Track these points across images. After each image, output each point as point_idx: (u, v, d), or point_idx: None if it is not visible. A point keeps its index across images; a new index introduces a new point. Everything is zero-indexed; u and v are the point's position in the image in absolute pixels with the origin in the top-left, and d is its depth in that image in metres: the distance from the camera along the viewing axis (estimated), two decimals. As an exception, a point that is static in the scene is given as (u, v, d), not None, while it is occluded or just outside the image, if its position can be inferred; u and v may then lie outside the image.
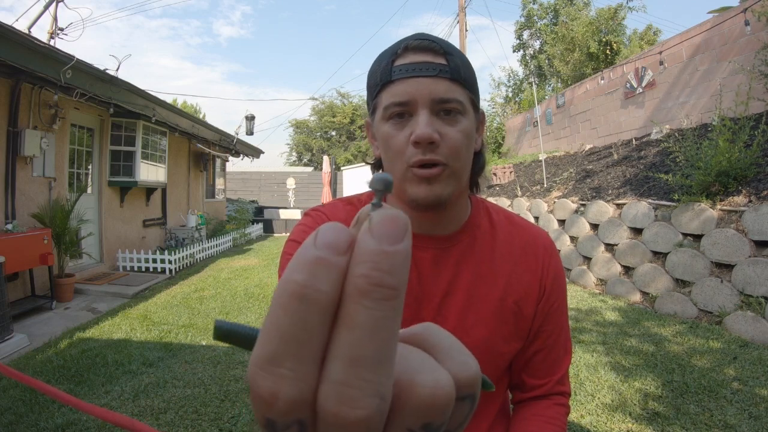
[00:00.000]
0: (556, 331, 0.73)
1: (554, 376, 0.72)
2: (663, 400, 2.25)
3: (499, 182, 8.52)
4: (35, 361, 2.98)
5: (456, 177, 0.62)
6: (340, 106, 22.22)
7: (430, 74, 0.59)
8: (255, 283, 5.40)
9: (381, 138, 0.64)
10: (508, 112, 15.09)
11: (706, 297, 3.36)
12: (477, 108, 0.66)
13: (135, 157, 6.23)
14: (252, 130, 11.19)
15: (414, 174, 0.61)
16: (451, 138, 0.60)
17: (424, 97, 0.59)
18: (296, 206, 14.78)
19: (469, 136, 0.62)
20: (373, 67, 0.64)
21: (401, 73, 0.59)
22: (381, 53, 0.65)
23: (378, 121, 0.64)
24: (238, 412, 2.26)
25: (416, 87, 0.59)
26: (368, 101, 0.67)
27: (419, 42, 0.60)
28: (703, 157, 3.71)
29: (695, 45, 6.11)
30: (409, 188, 0.62)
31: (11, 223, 4.13)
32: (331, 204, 0.74)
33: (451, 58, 0.60)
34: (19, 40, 3.71)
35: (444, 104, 0.59)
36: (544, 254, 0.73)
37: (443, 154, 0.59)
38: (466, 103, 0.62)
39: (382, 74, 0.61)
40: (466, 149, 0.63)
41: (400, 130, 0.61)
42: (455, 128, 0.60)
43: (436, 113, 0.60)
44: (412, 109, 0.60)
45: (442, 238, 0.69)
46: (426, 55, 0.60)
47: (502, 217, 0.75)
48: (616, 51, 12.04)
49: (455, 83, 0.60)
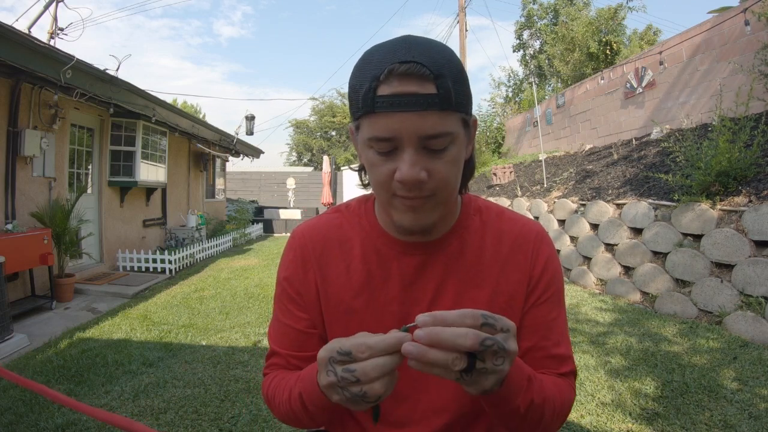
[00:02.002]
0: (551, 318, 0.69)
1: (557, 369, 0.69)
2: (663, 400, 2.25)
3: (499, 182, 8.53)
4: (35, 361, 2.98)
5: (443, 204, 0.61)
6: (340, 106, 22.24)
7: (417, 109, 0.52)
8: (255, 283, 5.40)
9: (365, 160, 0.60)
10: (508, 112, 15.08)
11: (706, 297, 3.36)
12: (468, 123, 0.61)
13: (135, 157, 6.23)
14: (252, 130, 11.19)
15: (400, 203, 0.59)
16: (439, 172, 0.56)
17: (409, 134, 0.53)
18: (296, 206, 14.79)
19: (458, 162, 0.59)
20: (356, 81, 0.57)
21: (385, 106, 0.53)
22: (365, 63, 0.56)
23: (362, 142, 0.59)
24: (238, 412, 2.26)
25: (401, 123, 0.53)
26: (351, 112, 0.62)
27: (406, 67, 0.52)
28: (703, 157, 3.71)
29: (695, 45, 6.11)
30: (394, 214, 0.61)
31: (11, 223, 4.13)
32: (318, 218, 0.77)
33: (441, 83, 0.53)
34: (19, 40, 3.71)
35: (432, 140, 0.54)
36: (534, 245, 0.70)
37: (430, 188, 0.57)
38: (456, 131, 0.56)
39: (364, 101, 0.54)
40: (455, 176, 0.60)
41: (384, 162, 0.57)
42: (443, 160, 0.56)
43: (423, 147, 0.55)
44: (397, 144, 0.55)
45: (429, 243, 0.69)
46: (412, 83, 0.52)
47: (492, 215, 0.73)
48: (616, 51, 12.04)
49: (445, 112, 0.54)
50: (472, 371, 0.45)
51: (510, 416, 0.57)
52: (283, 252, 0.76)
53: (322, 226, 0.74)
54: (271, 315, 0.87)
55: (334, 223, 0.74)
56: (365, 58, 0.57)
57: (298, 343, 0.71)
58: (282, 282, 0.74)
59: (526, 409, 0.57)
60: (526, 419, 0.58)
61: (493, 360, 0.45)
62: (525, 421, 0.59)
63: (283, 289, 0.73)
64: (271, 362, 0.75)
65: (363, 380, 0.46)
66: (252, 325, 3.77)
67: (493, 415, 0.59)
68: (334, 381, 0.48)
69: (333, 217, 0.75)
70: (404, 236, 0.69)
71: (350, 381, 0.47)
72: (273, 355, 0.74)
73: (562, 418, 0.65)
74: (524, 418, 0.58)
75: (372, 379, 0.46)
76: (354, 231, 0.72)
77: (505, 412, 0.57)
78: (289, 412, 0.65)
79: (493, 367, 0.45)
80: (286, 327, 0.72)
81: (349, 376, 0.47)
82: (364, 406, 0.49)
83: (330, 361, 0.49)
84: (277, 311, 0.75)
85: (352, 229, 0.72)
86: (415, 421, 0.70)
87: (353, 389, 0.47)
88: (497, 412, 0.57)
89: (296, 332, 0.72)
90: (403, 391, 0.69)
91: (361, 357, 0.46)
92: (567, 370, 0.69)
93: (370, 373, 0.46)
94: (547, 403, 0.60)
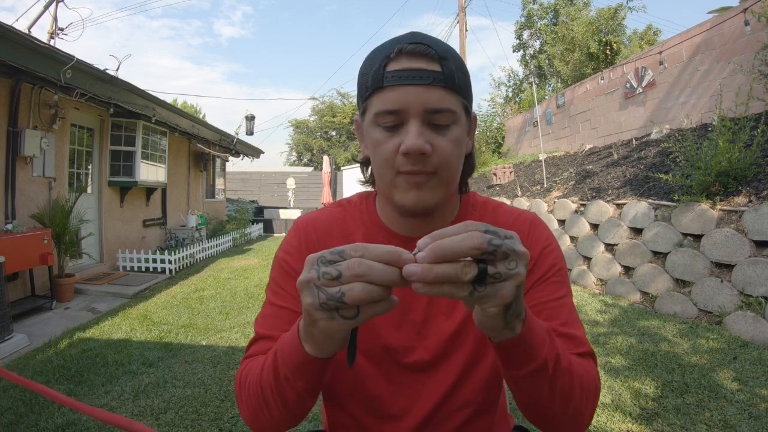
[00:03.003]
0: (555, 298, 0.66)
1: (572, 349, 0.63)
2: (663, 400, 2.25)
3: (499, 182, 8.53)
4: (35, 361, 2.98)
5: (445, 185, 0.62)
6: (340, 106, 22.23)
7: (424, 82, 0.57)
8: (255, 283, 5.40)
9: (370, 142, 0.63)
10: (508, 112, 15.09)
11: (706, 297, 3.36)
12: (469, 112, 0.65)
13: (135, 157, 6.23)
14: (252, 130, 11.19)
15: (404, 180, 0.60)
16: (443, 148, 0.59)
17: (415, 106, 0.57)
18: (296, 206, 14.79)
19: (460, 144, 0.61)
20: (366, 67, 0.62)
21: (393, 80, 0.57)
22: (374, 51, 0.62)
23: (368, 124, 0.62)
24: (238, 412, 2.26)
25: (408, 95, 0.57)
26: (359, 100, 0.66)
27: (414, 46, 0.58)
28: (703, 157, 3.71)
29: (695, 45, 6.11)
30: (397, 194, 0.62)
31: (11, 223, 4.13)
32: (321, 211, 0.76)
33: (445, 64, 0.58)
34: (19, 40, 3.71)
35: (436, 114, 0.58)
36: (528, 232, 0.70)
37: (433, 164, 0.59)
38: (458, 111, 0.60)
39: (373, 78, 0.59)
40: (457, 157, 0.62)
41: (390, 137, 0.59)
42: (447, 138, 0.59)
43: (428, 123, 0.58)
44: (403, 117, 0.58)
45: None
46: (420, 60, 0.58)
47: (489, 209, 0.74)
48: (616, 51, 12.04)
49: (449, 91, 0.58)
50: (485, 280, 0.40)
51: (537, 381, 0.51)
52: (284, 238, 0.75)
53: (326, 219, 0.74)
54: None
55: (337, 217, 0.74)
56: (375, 48, 0.63)
57: (290, 326, 0.64)
58: (280, 260, 0.71)
59: (554, 368, 0.51)
60: (556, 388, 0.52)
61: (505, 263, 0.40)
62: (554, 392, 0.53)
63: (280, 265, 0.70)
64: (252, 351, 0.66)
65: (345, 276, 0.40)
66: (252, 325, 3.77)
67: (518, 384, 0.53)
68: (312, 277, 0.41)
69: (336, 210, 0.75)
70: (405, 229, 0.69)
71: (331, 276, 0.40)
72: (256, 342, 0.67)
73: (593, 399, 0.59)
74: (553, 387, 0.52)
75: (354, 277, 0.40)
76: (356, 225, 0.72)
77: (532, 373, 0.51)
78: (258, 394, 0.58)
79: (507, 271, 0.40)
80: (278, 309, 0.67)
81: (330, 271, 0.40)
82: (339, 324, 0.42)
83: (318, 260, 0.42)
84: (268, 298, 0.70)
85: (354, 223, 0.73)
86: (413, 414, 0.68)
87: (330, 289, 0.40)
88: (522, 375, 0.51)
89: (290, 313, 0.66)
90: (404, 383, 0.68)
91: (355, 254, 0.41)
92: (583, 350, 0.64)
93: (355, 268, 0.39)
94: (575, 370, 0.55)
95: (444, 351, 0.67)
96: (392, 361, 0.68)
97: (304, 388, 0.54)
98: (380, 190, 0.69)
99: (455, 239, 0.39)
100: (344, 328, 0.43)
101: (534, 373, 0.51)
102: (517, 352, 0.49)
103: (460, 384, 0.67)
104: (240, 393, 0.62)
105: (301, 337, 0.50)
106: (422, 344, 0.67)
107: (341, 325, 0.42)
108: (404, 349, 0.67)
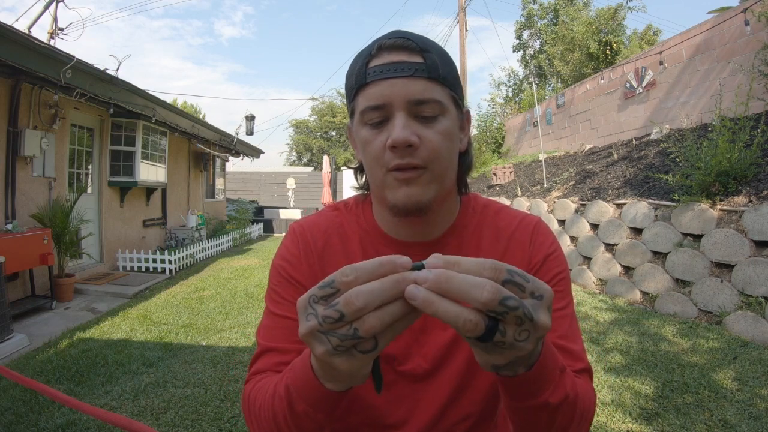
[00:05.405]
0: (554, 312, 0.59)
1: (569, 365, 0.60)
2: (663, 400, 2.25)
3: (499, 182, 8.53)
4: (35, 361, 2.98)
5: (437, 180, 0.59)
6: (340, 106, 22.24)
7: (405, 74, 0.56)
8: (255, 283, 5.40)
9: (359, 142, 0.61)
10: (508, 112, 15.08)
11: (706, 297, 3.36)
12: (460, 106, 0.63)
13: (135, 157, 6.23)
14: (252, 130, 11.19)
15: (393, 178, 0.58)
16: (431, 140, 0.57)
17: (399, 98, 0.56)
18: (296, 206, 14.79)
19: (450, 137, 0.59)
20: (350, 70, 0.61)
21: (375, 75, 0.57)
22: (357, 54, 0.61)
23: (356, 125, 0.61)
24: (238, 412, 2.26)
25: (391, 89, 0.56)
26: (347, 105, 0.65)
27: (394, 41, 0.57)
28: (703, 157, 3.71)
29: (695, 45, 6.11)
30: (389, 193, 0.60)
31: (11, 223, 4.13)
32: (317, 215, 0.74)
33: (428, 56, 0.57)
34: (19, 40, 3.71)
35: (421, 105, 0.56)
36: (531, 236, 0.68)
37: (422, 157, 0.57)
38: (446, 103, 0.58)
39: (357, 77, 0.59)
40: (448, 150, 0.59)
41: (377, 135, 0.58)
42: (434, 130, 0.57)
43: (414, 115, 0.57)
44: (388, 112, 0.57)
45: (426, 244, 0.67)
46: (401, 54, 0.57)
47: (491, 212, 0.72)
48: (616, 51, 12.04)
49: (433, 82, 0.57)
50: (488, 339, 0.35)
51: (536, 415, 0.48)
52: (280, 245, 0.72)
53: (323, 223, 0.72)
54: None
55: (334, 221, 0.72)
56: (357, 53, 0.62)
57: (294, 335, 0.61)
58: (278, 267, 0.69)
59: (557, 406, 0.47)
60: (555, 421, 0.48)
61: (515, 330, 0.35)
62: (553, 424, 0.49)
63: (279, 273, 0.68)
64: (258, 366, 0.63)
65: (348, 313, 0.35)
66: (252, 325, 3.77)
67: (516, 413, 0.49)
68: (314, 325, 0.37)
69: (333, 215, 0.73)
70: (402, 234, 0.67)
71: (334, 319, 0.36)
72: (262, 355, 0.64)
73: (588, 423, 0.55)
74: (553, 420, 0.48)
75: (359, 309, 0.35)
76: (353, 230, 0.71)
77: (533, 408, 0.47)
78: (271, 419, 0.53)
79: (512, 341, 0.35)
80: (280, 319, 0.65)
81: (331, 313, 0.36)
82: (361, 360, 0.38)
83: (310, 301, 0.38)
84: (268, 307, 0.68)
85: (351, 227, 0.71)
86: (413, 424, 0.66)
87: (340, 331, 0.36)
88: (521, 407, 0.47)
89: (292, 322, 0.63)
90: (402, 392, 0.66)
91: (346, 281, 0.36)
92: (580, 367, 0.62)
93: (355, 301, 0.35)
94: (579, 404, 0.51)
95: (442, 359, 0.66)
96: (390, 369, 0.66)
97: (325, 419, 0.50)
98: (374, 193, 0.68)
99: (465, 280, 0.34)
100: (367, 362, 0.40)
101: (535, 409, 0.47)
102: (517, 387, 0.45)
103: (460, 394, 0.66)
104: (249, 416, 0.59)
105: (319, 377, 0.45)
106: (420, 352, 0.66)
107: (363, 360, 0.39)
108: (402, 356, 0.66)
